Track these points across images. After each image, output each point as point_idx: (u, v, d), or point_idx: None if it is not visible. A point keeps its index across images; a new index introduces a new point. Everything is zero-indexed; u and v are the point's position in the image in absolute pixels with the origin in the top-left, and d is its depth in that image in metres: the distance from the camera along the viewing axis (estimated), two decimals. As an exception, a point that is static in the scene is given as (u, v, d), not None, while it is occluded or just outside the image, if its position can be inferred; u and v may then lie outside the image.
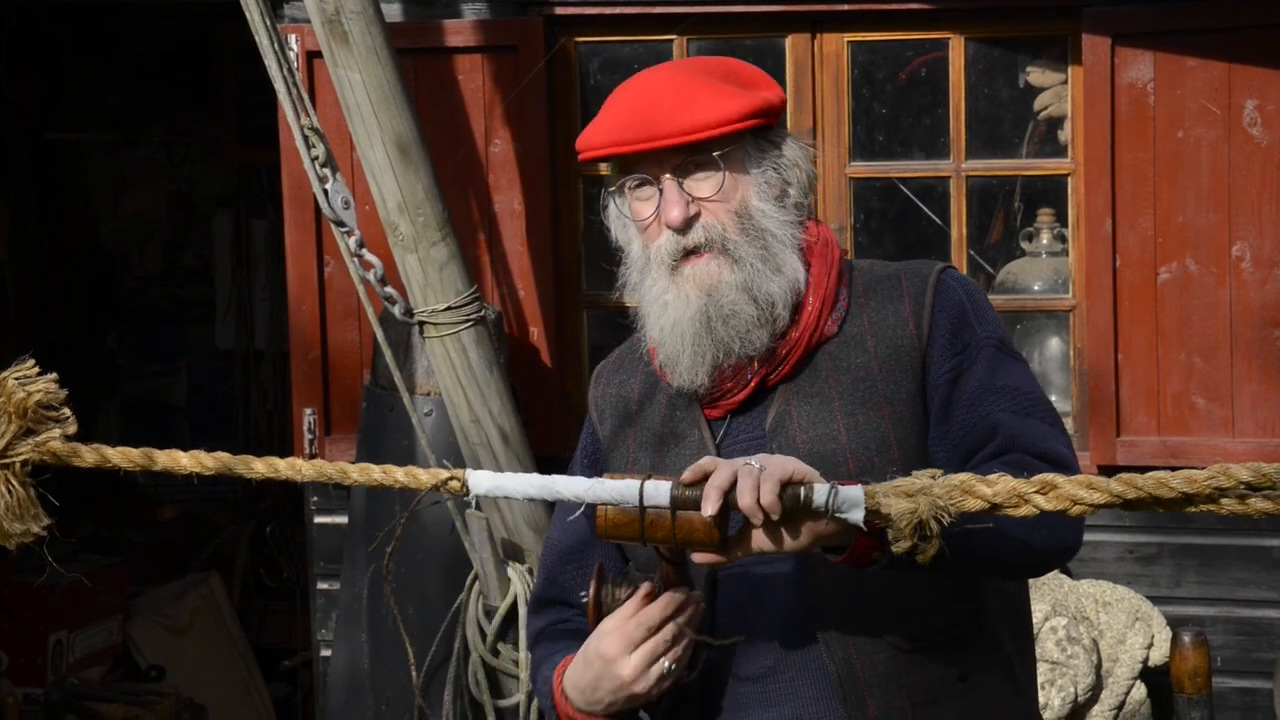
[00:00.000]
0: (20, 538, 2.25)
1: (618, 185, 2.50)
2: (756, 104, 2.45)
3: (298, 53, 5.17)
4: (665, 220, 2.44)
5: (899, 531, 2.11)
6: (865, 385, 2.45)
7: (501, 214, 5.31)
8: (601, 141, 2.45)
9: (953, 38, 5.28)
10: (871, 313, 2.49)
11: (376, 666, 4.91)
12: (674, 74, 2.49)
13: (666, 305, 2.45)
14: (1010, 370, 2.46)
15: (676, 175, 2.43)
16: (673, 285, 2.45)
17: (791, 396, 2.47)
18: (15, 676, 6.42)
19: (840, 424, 2.44)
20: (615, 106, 2.48)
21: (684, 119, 2.41)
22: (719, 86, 2.45)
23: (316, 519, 5.53)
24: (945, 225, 5.33)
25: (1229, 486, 2.00)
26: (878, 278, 2.53)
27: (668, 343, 2.46)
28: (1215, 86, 5.05)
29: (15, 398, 2.11)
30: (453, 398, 4.66)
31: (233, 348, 8.31)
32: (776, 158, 2.49)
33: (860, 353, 2.47)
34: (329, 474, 2.26)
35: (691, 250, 2.44)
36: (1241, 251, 5.07)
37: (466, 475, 2.29)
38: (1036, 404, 2.43)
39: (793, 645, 2.42)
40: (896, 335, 2.47)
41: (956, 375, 2.44)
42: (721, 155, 2.43)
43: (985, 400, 2.42)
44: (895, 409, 2.44)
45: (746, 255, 2.43)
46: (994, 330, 2.49)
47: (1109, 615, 5.07)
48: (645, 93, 2.46)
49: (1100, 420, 5.14)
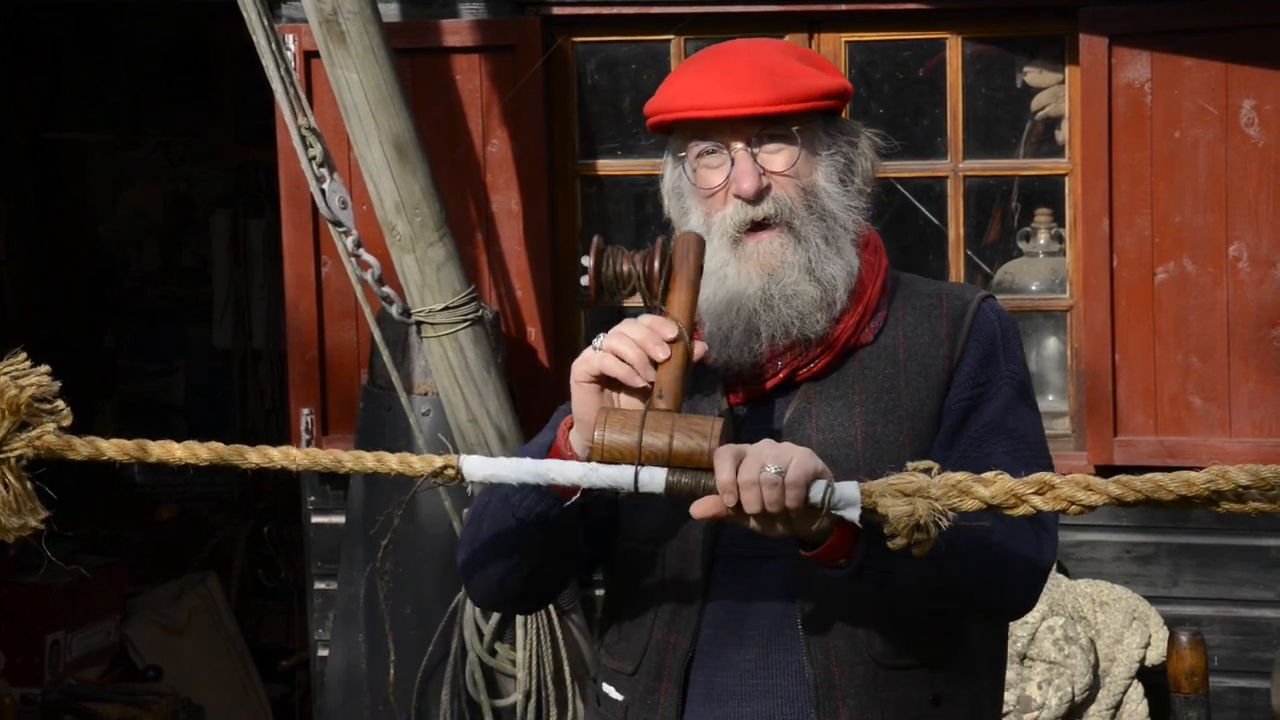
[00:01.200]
0: (18, 532, 2.25)
1: (686, 151, 2.46)
2: (834, 85, 2.45)
3: (295, 53, 5.17)
4: (737, 190, 2.41)
5: (895, 529, 2.11)
6: (889, 397, 2.44)
7: (499, 214, 5.31)
8: (684, 104, 2.42)
9: (950, 38, 5.28)
10: (908, 327, 2.48)
11: (374, 666, 4.91)
12: (751, 47, 2.48)
13: (725, 278, 2.42)
14: (1023, 415, 2.46)
15: (751, 145, 2.42)
16: (734, 259, 2.42)
17: (814, 395, 2.45)
18: (12, 676, 6.41)
19: (859, 431, 2.43)
20: (693, 72, 2.46)
21: (767, 89, 2.39)
22: (795, 65, 2.44)
23: (314, 519, 5.53)
24: (943, 225, 5.34)
25: (1226, 490, 2.00)
26: (918, 293, 2.53)
27: (722, 316, 2.42)
28: (1212, 87, 5.05)
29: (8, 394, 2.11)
30: (450, 398, 4.66)
31: (230, 347, 8.31)
32: (846, 143, 2.49)
33: (890, 364, 2.46)
34: (323, 463, 2.27)
35: (759, 223, 2.42)
36: (1239, 251, 5.07)
37: (461, 461, 2.29)
38: (1038, 457, 2.44)
39: (776, 644, 2.42)
40: (929, 354, 2.46)
41: (972, 406, 2.44)
42: (798, 130, 2.42)
43: (991, 438, 2.43)
44: (915, 426, 2.44)
45: (811, 235, 2.42)
46: (1018, 370, 2.49)
47: (1106, 615, 5.07)
48: (724, 60, 2.44)
49: (1097, 420, 5.14)
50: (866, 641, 2.40)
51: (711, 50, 2.51)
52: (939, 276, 5.33)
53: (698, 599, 2.43)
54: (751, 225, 2.41)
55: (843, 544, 2.26)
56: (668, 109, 2.45)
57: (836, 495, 2.16)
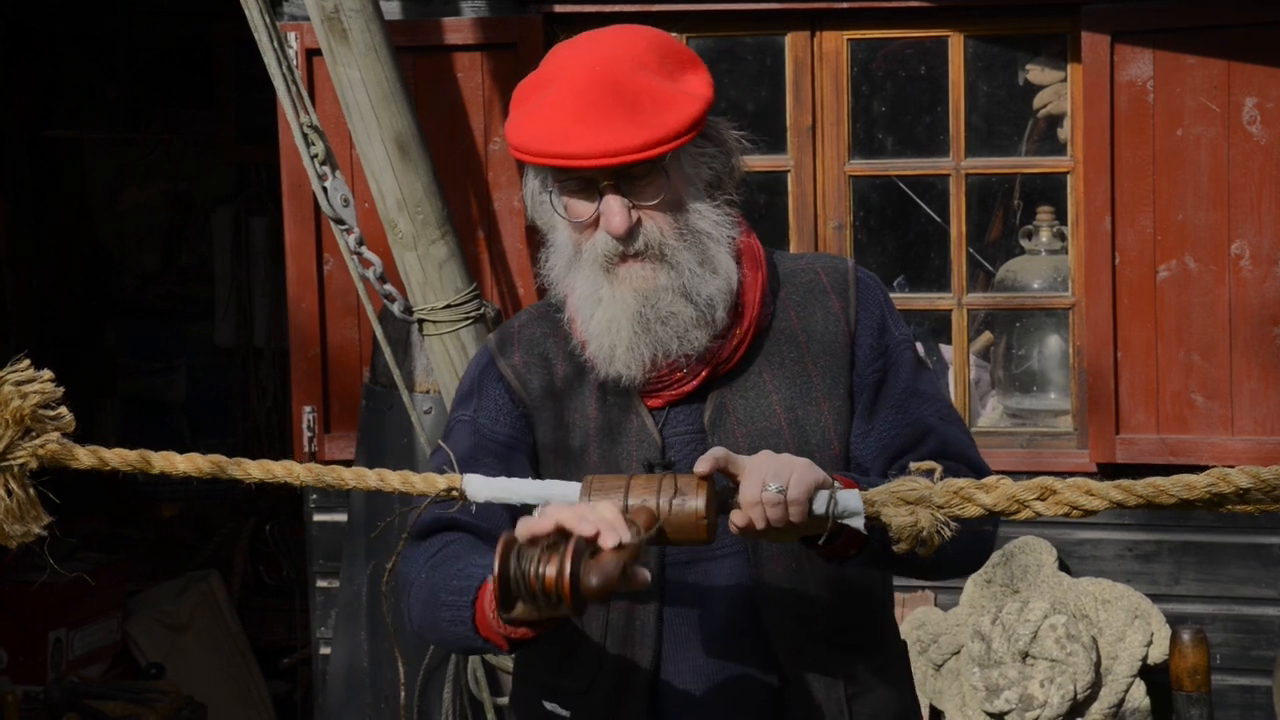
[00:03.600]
0: (21, 538, 2.25)
1: (552, 184, 2.43)
2: (700, 107, 2.40)
3: (297, 50, 5.16)
4: (608, 228, 2.38)
5: (899, 536, 2.13)
6: (802, 381, 2.48)
7: (501, 212, 5.31)
8: (546, 149, 2.37)
9: (952, 35, 5.28)
10: (797, 306, 2.52)
11: (376, 664, 4.91)
12: (608, 67, 2.39)
13: (600, 301, 2.42)
14: (927, 376, 2.54)
15: (619, 184, 2.38)
16: (606, 283, 2.42)
17: (727, 391, 2.48)
18: (15, 674, 6.42)
19: (781, 419, 2.46)
20: (551, 106, 2.38)
21: (631, 132, 2.34)
22: (659, 85, 2.38)
23: (316, 517, 5.53)
24: (944, 223, 5.33)
25: (1227, 493, 2.00)
26: (793, 270, 2.56)
27: (602, 336, 2.43)
28: (1214, 84, 5.04)
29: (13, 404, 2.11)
30: (452, 395, 4.66)
31: (232, 345, 8.31)
32: (713, 154, 2.46)
33: (793, 347, 2.50)
34: (325, 479, 2.26)
35: (629, 254, 2.40)
36: (1241, 249, 5.07)
37: (464, 483, 2.29)
38: (953, 413, 2.54)
39: (741, 644, 2.45)
40: (828, 332, 2.50)
41: (881, 376, 2.50)
42: (666, 163, 2.39)
43: (911, 403, 2.49)
44: (834, 404, 2.48)
45: (684, 260, 2.41)
46: (907, 333, 2.57)
47: (1108, 613, 5.07)
48: (583, 93, 2.36)
49: (1099, 418, 5.14)
50: (823, 623, 2.47)
51: (564, 71, 2.41)
52: (941, 275, 5.34)
53: (653, 609, 2.44)
54: (621, 256, 2.41)
55: (852, 537, 2.27)
56: (528, 150, 2.39)
57: (840, 505, 2.17)
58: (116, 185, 8.61)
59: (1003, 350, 5.47)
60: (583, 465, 2.47)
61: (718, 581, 2.44)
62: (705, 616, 2.45)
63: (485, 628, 2.29)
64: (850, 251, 5.28)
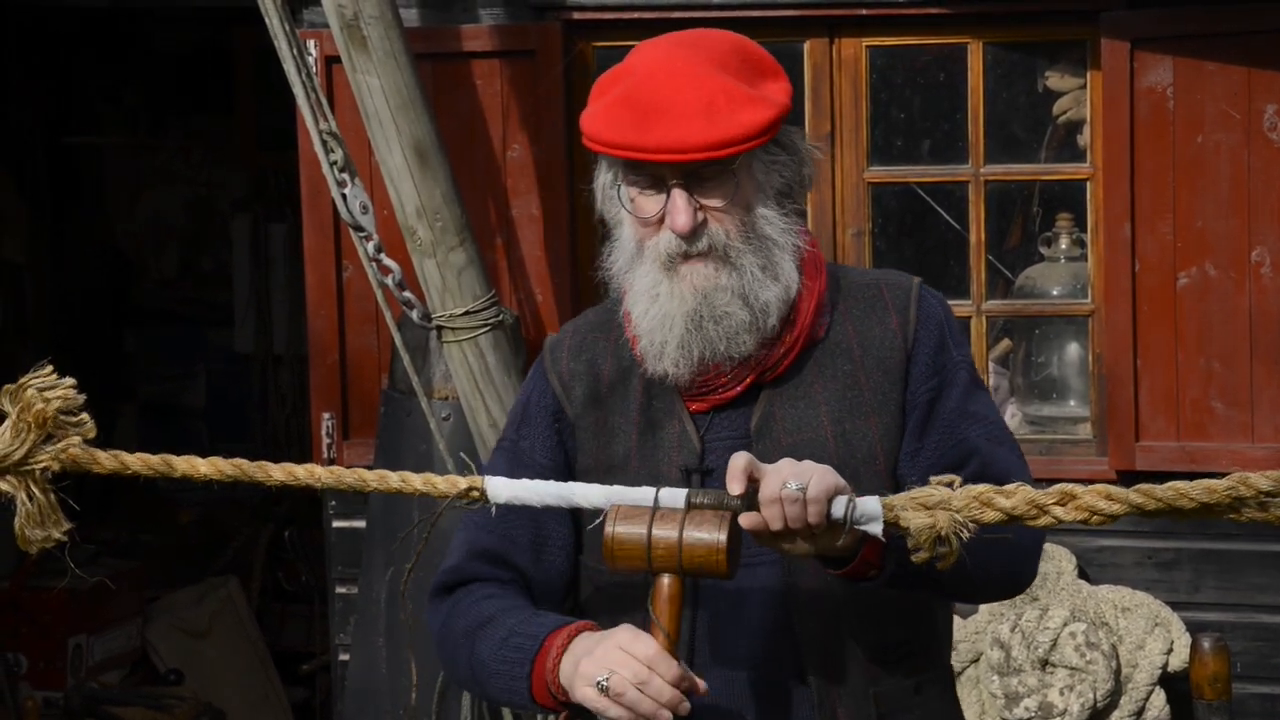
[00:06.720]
0: (42, 543, 2.26)
1: (620, 176, 2.44)
2: (775, 113, 2.39)
3: (316, 58, 5.17)
4: (673, 226, 2.38)
5: (918, 543, 2.12)
6: (853, 394, 2.46)
7: (519, 218, 5.32)
8: (618, 140, 2.38)
9: (971, 43, 5.27)
10: (855, 321, 2.50)
11: (394, 670, 4.91)
12: (688, 64, 2.39)
13: (658, 297, 2.42)
14: (981, 398, 2.51)
15: (688, 182, 2.38)
16: (666, 280, 2.42)
17: (776, 398, 2.46)
18: (35, 680, 6.43)
19: (828, 431, 2.44)
20: (628, 98, 2.39)
21: (705, 131, 2.34)
22: (736, 87, 2.37)
23: (334, 523, 5.54)
24: (964, 230, 5.33)
25: (1248, 496, 1.99)
26: (855, 285, 2.54)
27: (655, 332, 2.43)
28: (1235, 91, 5.03)
29: (35, 408, 2.11)
30: (470, 402, 4.66)
31: (251, 351, 8.32)
32: (786, 162, 2.45)
33: (847, 360, 2.48)
34: (347, 481, 2.27)
35: (693, 254, 2.40)
36: (1261, 256, 5.05)
37: (486, 484, 2.30)
38: (1005, 434, 2.50)
39: (771, 654, 2.43)
40: (884, 347, 2.48)
41: (935, 396, 2.47)
42: (736, 165, 2.39)
43: (960, 424, 2.46)
44: (883, 420, 2.46)
45: (747, 264, 2.40)
46: (966, 353, 2.54)
47: (1128, 621, 5.06)
48: (660, 90, 2.37)
49: (1119, 425, 5.13)
50: (857, 640, 2.43)
51: (645, 66, 2.42)
52: (960, 281, 5.33)
53: (686, 616, 2.41)
54: (685, 256, 2.41)
55: (872, 556, 2.26)
56: (600, 139, 2.40)
57: (858, 510, 2.16)
58: (136, 191, 8.64)
59: (1022, 357, 5.46)
60: (625, 468, 2.47)
61: (752, 589, 2.43)
62: (738, 625, 2.43)
63: (542, 696, 2.40)
64: (869, 258, 5.28)
